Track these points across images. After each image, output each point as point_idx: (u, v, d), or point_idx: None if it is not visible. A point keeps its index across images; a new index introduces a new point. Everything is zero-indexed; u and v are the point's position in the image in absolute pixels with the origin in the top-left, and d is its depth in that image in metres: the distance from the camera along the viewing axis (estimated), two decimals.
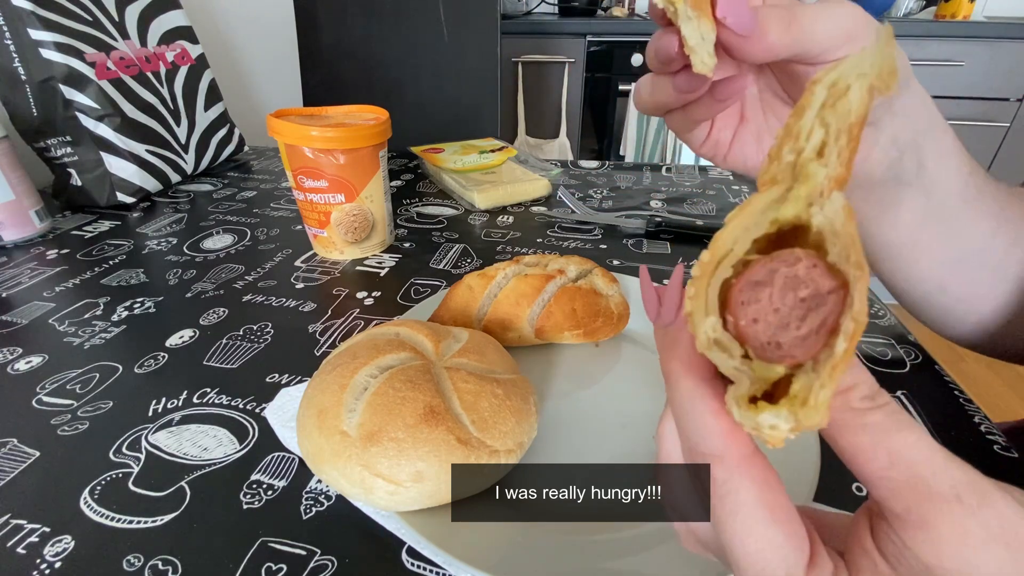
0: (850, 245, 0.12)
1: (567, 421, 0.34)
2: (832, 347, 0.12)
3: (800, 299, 0.13)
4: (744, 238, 0.14)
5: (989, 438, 0.33)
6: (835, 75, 0.13)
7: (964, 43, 1.51)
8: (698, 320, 0.14)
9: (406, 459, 0.25)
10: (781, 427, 0.13)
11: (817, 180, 0.13)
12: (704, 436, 0.15)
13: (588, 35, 1.63)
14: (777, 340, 0.13)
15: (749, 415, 0.13)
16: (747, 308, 0.14)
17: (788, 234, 0.14)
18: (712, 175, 0.80)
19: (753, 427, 0.13)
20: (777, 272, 0.13)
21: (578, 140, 1.78)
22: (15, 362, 0.40)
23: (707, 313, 0.14)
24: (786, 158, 0.14)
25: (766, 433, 0.13)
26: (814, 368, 0.13)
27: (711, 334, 0.14)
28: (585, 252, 0.56)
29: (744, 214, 0.14)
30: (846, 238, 0.13)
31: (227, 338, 0.43)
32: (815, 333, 0.13)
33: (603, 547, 0.26)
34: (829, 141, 0.13)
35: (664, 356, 0.17)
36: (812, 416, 0.12)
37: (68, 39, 0.61)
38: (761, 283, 0.13)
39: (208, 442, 0.33)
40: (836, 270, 0.13)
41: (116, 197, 0.67)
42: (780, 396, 0.13)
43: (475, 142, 0.83)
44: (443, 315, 0.40)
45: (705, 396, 0.15)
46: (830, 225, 0.13)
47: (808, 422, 0.12)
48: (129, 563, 0.26)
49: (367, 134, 0.50)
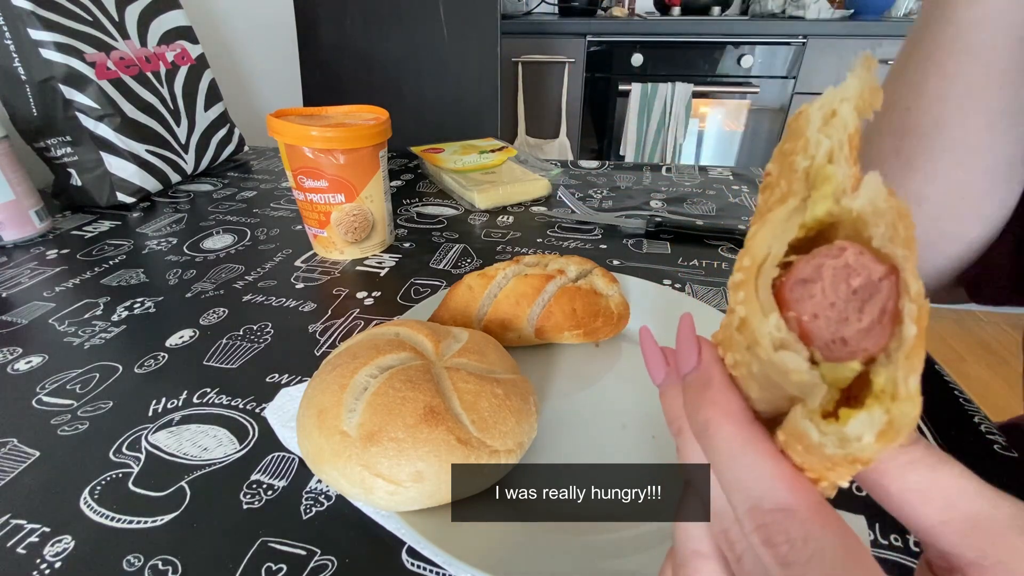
0: (897, 219, 0.12)
1: (567, 421, 0.34)
2: (900, 335, 0.12)
3: (853, 291, 0.12)
4: (778, 242, 0.14)
5: (989, 438, 0.33)
6: (823, 101, 0.14)
7: None
8: (757, 322, 0.13)
9: (406, 459, 0.25)
10: (867, 437, 0.11)
11: (837, 179, 0.13)
12: (768, 487, 0.13)
13: (588, 35, 1.63)
14: (841, 336, 0.12)
15: (834, 428, 0.12)
16: (803, 304, 0.13)
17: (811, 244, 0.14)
18: (712, 175, 0.80)
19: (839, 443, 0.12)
20: (824, 266, 0.13)
21: (578, 140, 1.78)
22: (15, 362, 0.40)
23: (765, 313, 0.13)
24: (800, 165, 0.14)
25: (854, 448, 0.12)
26: (888, 360, 0.12)
27: (776, 333, 0.13)
28: (585, 252, 0.56)
29: (768, 224, 0.14)
30: (892, 212, 0.12)
31: (227, 338, 0.43)
32: (878, 322, 0.12)
33: (603, 547, 0.26)
34: (835, 148, 0.13)
35: (693, 408, 0.15)
36: (908, 408, 0.11)
37: (68, 39, 0.61)
38: (810, 279, 0.13)
39: (208, 442, 0.33)
40: (883, 255, 0.12)
41: (116, 197, 0.67)
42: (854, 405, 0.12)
43: (475, 142, 0.83)
44: (443, 315, 0.40)
45: (757, 439, 0.14)
46: (872, 205, 0.13)
47: (904, 418, 0.11)
48: (129, 563, 0.26)
49: (367, 134, 0.50)
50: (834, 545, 0.12)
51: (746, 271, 0.14)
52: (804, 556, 0.12)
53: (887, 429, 0.11)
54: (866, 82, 0.13)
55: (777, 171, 0.15)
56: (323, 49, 1.05)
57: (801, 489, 0.13)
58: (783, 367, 0.13)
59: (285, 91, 1.22)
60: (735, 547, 0.14)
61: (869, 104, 0.13)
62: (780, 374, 0.13)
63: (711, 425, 0.14)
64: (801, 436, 0.13)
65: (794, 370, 0.12)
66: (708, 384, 0.15)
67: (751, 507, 0.13)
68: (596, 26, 1.65)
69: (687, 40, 1.63)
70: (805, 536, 0.12)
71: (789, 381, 0.13)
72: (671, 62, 1.66)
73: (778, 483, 0.13)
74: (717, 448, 0.14)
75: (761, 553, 0.13)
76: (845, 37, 1.56)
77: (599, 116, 1.78)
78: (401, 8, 1.00)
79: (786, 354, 0.13)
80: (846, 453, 0.12)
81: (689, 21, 1.72)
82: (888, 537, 0.27)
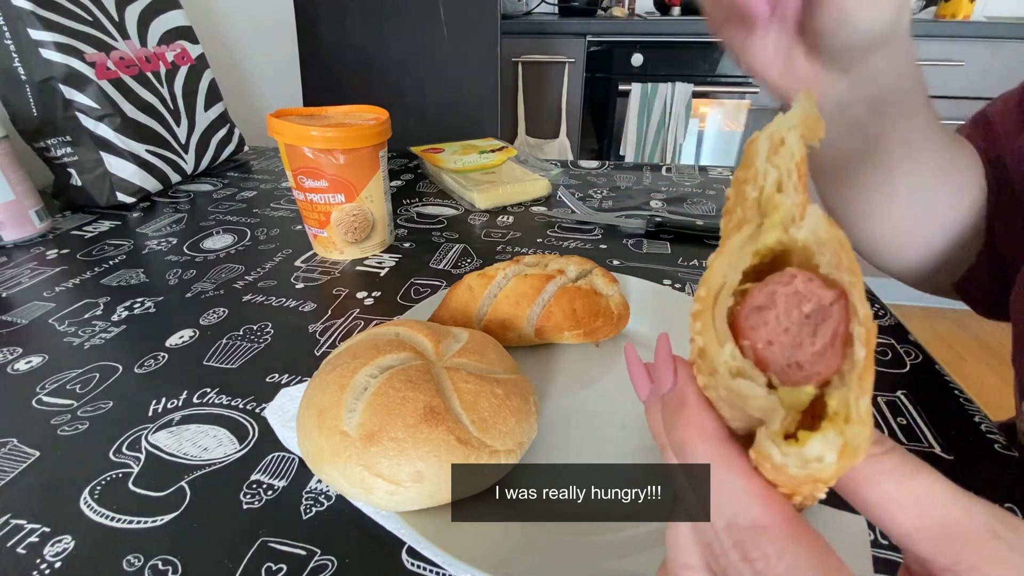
0: (839, 248, 0.13)
1: (567, 421, 0.34)
2: (852, 357, 0.12)
3: (805, 316, 0.13)
4: (733, 271, 0.14)
5: (989, 438, 0.33)
6: (771, 130, 0.15)
7: (964, 43, 1.52)
8: (714, 352, 0.14)
9: (406, 459, 0.25)
10: (827, 457, 0.12)
11: (785, 207, 0.14)
12: (742, 504, 0.13)
13: (588, 35, 1.63)
14: (796, 360, 0.13)
15: (793, 450, 0.12)
16: (758, 332, 0.13)
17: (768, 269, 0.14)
18: (712, 175, 0.80)
19: (799, 464, 0.12)
20: (777, 293, 0.13)
21: (578, 140, 1.78)
22: (15, 362, 0.40)
23: (721, 343, 0.14)
24: (750, 195, 0.15)
25: (814, 468, 0.12)
26: (841, 382, 0.12)
27: (732, 362, 0.13)
28: (585, 252, 0.56)
29: (724, 253, 0.15)
30: (834, 242, 0.13)
31: (227, 338, 0.43)
32: (830, 346, 0.13)
33: (603, 547, 0.26)
34: (784, 177, 0.14)
35: (670, 427, 0.16)
36: (860, 430, 0.12)
37: (68, 39, 0.61)
38: (764, 307, 0.14)
39: (208, 442, 0.33)
40: (831, 281, 0.13)
41: (116, 197, 0.67)
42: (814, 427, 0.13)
43: (475, 142, 0.83)
44: (443, 315, 0.40)
45: (731, 455, 0.14)
46: (815, 236, 0.13)
47: (857, 439, 0.12)
48: (129, 563, 0.26)
49: (367, 134, 0.50)
50: (808, 560, 0.12)
51: (703, 301, 0.14)
52: (779, 571, 0.12)
53: (844, 450, 0.12)
54: (808, 112, 0.14)
55: (734, 198, 0.16)
56: (323, 49, 1.05)
57: (774, 505, 0.13)
58: (740, 393, 0.13)
59: (285, 91, 1.22)
60: (719, 560, 0.14)
61: (813, 132, 0.14)
62: (740, 399, 0.13)
63: (687, 444, 0.15)
64: (766, 457, 0.13)
65: (751, 396, 0.13)
66: (683, 405, 0.15)
67: (727, 524, 0.14)
68: (596, 26, 1.65)
69: (687, 40, 1.63)
70: (779, 552, 0.13)
71: (749, 406, 0.13)
72: (671, 62, 1.67)
73: (752, 499, 0.13)
74: (693, 468, 0.14)
75: (740, 569, 0.13)
76: None
77: (599, 116, 1.78)
78: (401, 8, 1.00)
79: (742, 382, 0.13)
80: (807, 473, 0.12)
81: (689, 21, 1.71)
82: (888, 538, 0.27)
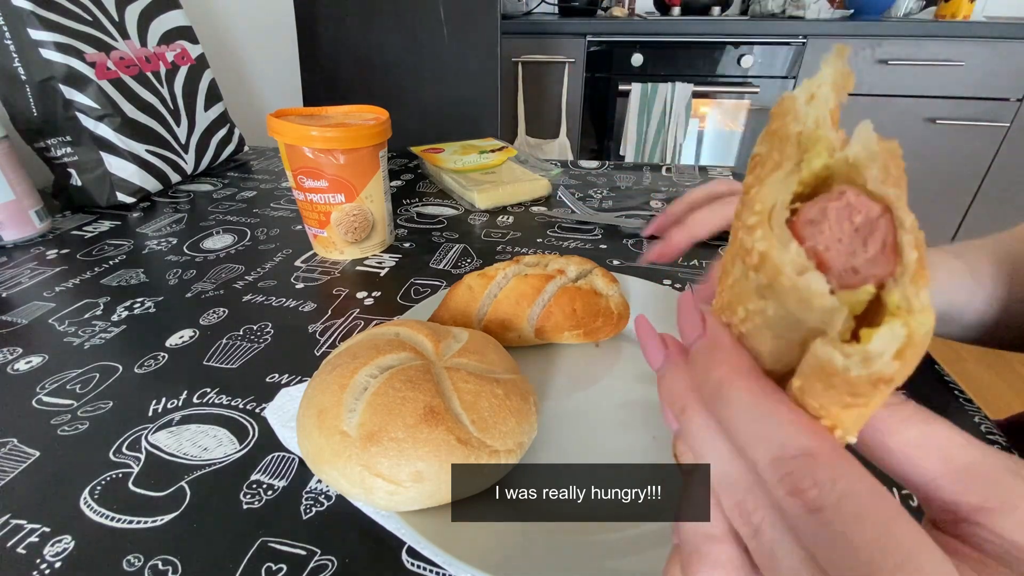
0: (890, 159, 0.13)
1: (567, 421, 0.34)
2: (903, 261, 0.13)
3: (855, 228, 0.13)
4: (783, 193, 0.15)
5: (989, 438, 0.33)
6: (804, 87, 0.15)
7: (964, 43, 1.52)
8: (778, 253, 0.14)
9: (406, 459, 0.25)
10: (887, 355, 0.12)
11: (829, 139, 0.14)
12: (789, 434, 0.13)
13: (588, 35, 1.63)
14: (852, 265, 0.13)
15: (857, 349, 0.12)
16: (816, 239, 0.14)
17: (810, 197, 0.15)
18: (712, 175, 0.80)
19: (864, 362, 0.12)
20: (828, 208, 0.14)
21: (578, 140, 1.78)
22: (15, 362, 0.40)
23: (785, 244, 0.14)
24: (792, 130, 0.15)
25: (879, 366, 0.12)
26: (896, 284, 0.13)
27: (798, 259, 0.13)
28: (585, 252, 0.56)
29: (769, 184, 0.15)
30: (884, 154, 0.13)
31: (227, 338, 0.43)
32: (882, 252, 0.13)
33: (603, 547, 0.26)
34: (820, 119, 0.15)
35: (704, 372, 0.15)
36: (924, 319, 0.12)
37: (68, 39, 0.61)
38: (816, 221, 0.14)
39: (208, 442, 0.33)
40: (877, 196, 0.14)
41: (116, 197, 0.67)
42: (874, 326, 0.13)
43: (475, 142, 0.83)
44: (443, 315, 0.40)
45: (773, 389, 0.14)
46: (866, 149, 0.14)
47: (922, 328, 0.12)
48: (129, 563, 0.26)
49: (367, 134, 0.50)
50: (861, 483, 0.12)
51: (759, 214, 0.15)
52: (834, 497, 0.12)
53: (908, 343, 0.12)
54: (839, 68, 0.14)
55: (767, 148, 0.16)
56: (323, 49, 1.05)
57: (821, 434, 0.13)
58: (808, 291, 0.13)
59: (285, 91, 1.22)
60: (752, 517, 0.14)
61: (843, 86, 0.15)
62: (803, 303, 0.13)
63: (724, 383, 0.14)
64: (824, 367, 0.13)
65: (818, 292, 0.13)
66: (717, 346, 0.15)
67: (774, 457, 0.13)
68: (596, 26, 1.65)
69: (687, 40, 1.63)
70: (833, 477, 0.12)
71: (812, 308, 0.13)
72: (671, 62, 1.67)
73: (799, 428, 0.13)
74: (732, 404, 0.14)
75: (788, 505, 0.13)
76: (845, 37, 1.56)
77: (599, 116, 1.78)
78: (401, 8, 1.00)
79: (812, 275, 0.13)
80: (870, 373, 0.12)
81: (689, 21, 1.72)
82: None
